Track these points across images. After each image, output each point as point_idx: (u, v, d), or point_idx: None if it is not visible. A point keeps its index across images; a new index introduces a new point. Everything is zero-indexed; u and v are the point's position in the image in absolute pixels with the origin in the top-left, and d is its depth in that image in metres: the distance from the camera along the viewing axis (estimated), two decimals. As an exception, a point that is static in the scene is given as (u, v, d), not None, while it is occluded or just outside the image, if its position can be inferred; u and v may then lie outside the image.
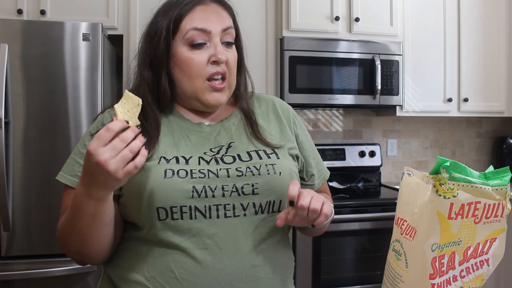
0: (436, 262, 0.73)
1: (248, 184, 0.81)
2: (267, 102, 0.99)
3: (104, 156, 0.65)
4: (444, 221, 0.72)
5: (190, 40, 0.84)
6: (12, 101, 1.74)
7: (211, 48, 0.85)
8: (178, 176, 0.79)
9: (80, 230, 0.76)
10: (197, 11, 0.86)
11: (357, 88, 2.42)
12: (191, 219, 0.78)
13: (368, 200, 2.27)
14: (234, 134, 0.90)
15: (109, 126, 0.67)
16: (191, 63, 0.84)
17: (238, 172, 0.82)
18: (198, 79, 0.85)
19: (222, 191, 0.80)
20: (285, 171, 0.85)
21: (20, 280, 1.76)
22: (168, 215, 0.78)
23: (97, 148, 0.66)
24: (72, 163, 0.86)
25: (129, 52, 2.22)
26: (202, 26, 0.84)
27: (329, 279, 2.15)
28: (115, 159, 0.66)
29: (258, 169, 0.83)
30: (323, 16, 2.40)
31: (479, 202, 0.72)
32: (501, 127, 3.09)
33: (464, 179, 0.73)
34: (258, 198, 0.82)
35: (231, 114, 0.94)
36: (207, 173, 0.81)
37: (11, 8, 2.08)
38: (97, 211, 0.73)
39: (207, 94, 0.86)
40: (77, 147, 0.87)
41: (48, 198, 1.77)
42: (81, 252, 0.80)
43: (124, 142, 0.67)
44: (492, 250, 0.77)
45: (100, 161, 0.65)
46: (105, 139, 0.66)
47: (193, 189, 0.78)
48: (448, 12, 2.60)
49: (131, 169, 0.68)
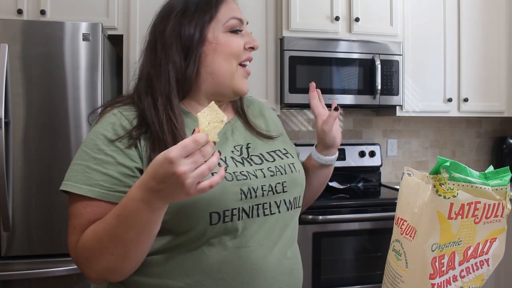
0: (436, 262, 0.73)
1: (279, 182, 0.86)
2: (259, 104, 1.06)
3: (184, 168, 0.60)
4: (444, 221, 0.72)
5: (231, 27, 0.87)
6: (12, 101, 1.74)
7: (244, 36, 0.90)
8: (226, 179, 0.79)
9: (124, 241, 0.69)
10: (229, 2, 0.90)
11: (357, 88, 2.42)
12: (238, 220, 0.80)
13: (368, 200, 2.27)
14: (246, 134, 0.93)
15: (196, 137, 0.61)
16: (232, 44, 0.87)
17: (271, 172, 0.86)
18: (234, 61, 0.87)
19: (262, 191, 0.83)
20: (301, 169, 0.95)
21: (20, 280, 1.76)
22: (220, 218, 0.78)
23: (180, 158, 0.60)
24: (86, 170, 0.76)
25: (129, 52, 2.22)
26: (240, 16, 0.89)
27: (329, 279, 2.15)
28: (193, 174, 0.61)
29: (283, 168, 0.89)
30: (323, 16, 2.40)
31: (479, 202, 0.72)
32: (501, 127, 3.09)
33: (464, 179, 0.73)
34: (287, 195, 0.88)
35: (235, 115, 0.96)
36: (248, 175, 0.83)
37: (11, 8, 2.08)
38: (150, 221, 0.68)
39: (241, 80, 0.89)
40: (86, 153, 0.78)
41: (48, 198, 1.77)
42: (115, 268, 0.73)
43: (204, 157, 0.62)
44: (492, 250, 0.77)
45: (179, 172, 0.60)
46: (189, 150, 0.61)
47: (241, 191, 0.80)
48: (448, 12, 2.60)
49: (205, 188, 0.63)
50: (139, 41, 2.20)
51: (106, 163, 0.76)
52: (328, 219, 2.08)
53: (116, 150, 0.77)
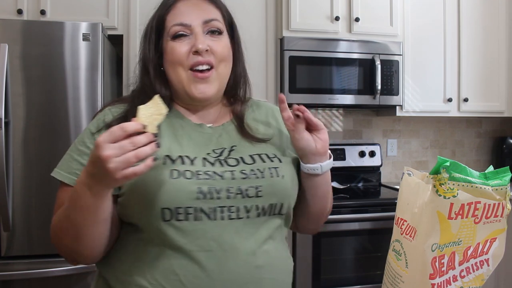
0: (436, 262, 0.73)
1: (252, 186, 0.82)
2: (267, 109, 1.01)
3: (108, 152, 0.64)
4: (444, 221, 0.72)
5: (173, 34, 0.87)
6: (12, 101, 1.74)
7: (192, 39, 0.86)
8: (184, 177, 0.79)
9: (75, 223, 0.74)
10: (179, 6, 0.88)
11: (357, 88, 2.42)
12: (195, 220, 0.78)
13: (368, 200, 2.27)
14: (235, 137, 0.90)
15: (124, 125, 0.66)
16: (173, 52, 0.86)
17: (243, 175, 0.82)
18: (180, 68, 0.86)
19: (227, 193, 0.80)
20: (287, 175, 0.86)
21: (20, 280, 1.76)
22: (173, 215, 0.78)
23: (105, 142, 0.65)
24: (69, 160, 0.85)
25: (129, 52, 2.22)
26: (182, 21, 0.86)
27: (329, 279, 2.15)
28: (118, 159, 0.64)
29: (262, 172, 0.84)
30: (323, 16, 2.40)
31: (479, 202, 0.72)
32: (501, 127, 3.09)
33: (464, 179, 0.73)
34: (262, 200, 0.82)
35: (231, 119, 0.94)
36: (213, 175, 0.81)
37: (11, 8, 2.08)
38: (94, 206, 0.72)
39: (192, 86, 0.86)
40: (75, 144, 0.86)
41: (48, 198, 1.77)
42: (73, 249, 0.79)
43: (134, 145, 0.65)
44: (492, 250, 0.77)
45: (103, 156, 0.64)
46: (115, 136, 0.65)
47: (198, 190, 0.78)
48: (448, 12, 2.60)
49: (129, 174, 0.66)
50: (139, 41, 2.19)
51: (85, 154, 0.83)
52: (328, 219, 2.06)
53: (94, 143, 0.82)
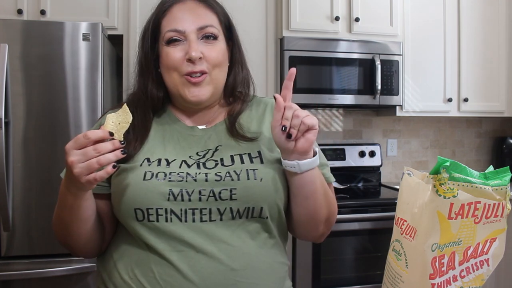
0: (436, 262, 0.73)
1: (226, 189, 0.80)
2: (265, 104, 0.99)
3: (72, 158, 0.70)
4: (444, 221, 0.72)
5: (167, 39, 0.87)
6: (12, 101, 1.74)
7: (186, 45, 0.86)
8: (156, 178, 0.80)
9: (63, 220, 0.82)
10: (174, 11, 0.88)
11: (357, 88, 2.42)
12: (166, 221, 0.79)
13: (368, 200, 2.27)
14: (224, 137, 0.90)
15: (88, 133, 0.71)
16: (168, 57, 0.87)
17: (217, 177, 0.81)
18: (175, 73, 0.87)
19: (199, 195, 0.80)
20: (267, 177, 0.83)
21: (20, 280, 1.76)
22: (145, 216, 0.79)
23: (71, 149, 0.71)
24: None
25: (129, 52, 2.22)
26: (176, 27, 0.86)
27: (329, 279, 2.15)
28: (81, 164, 0.70)
29: (238, 174, 0.82)
30: (323, 16, 2.40)
31: (479, 202, 0.72)
32: (501, 127, 3.09)
33: (464, 179, 0.73)
34: (236, 203, 0.81)
35: (224, 119, 0.93)
36: (185, 177, 0.81)
37: (11, 8, 2.08)
38: (74, 205, 0.78)
39: (186, 89, 0.87)
40: None
41: (48, 198, 1.77)
42: (67, 242, 0.86)
43: (97, 152, 0.70)
44: (492, 250, 0.77)
45: (69, 161, 0.70)
46: (80, 143, 0.70)
47: (169, 192, 0.79)
48: (448, 12, 2.60)
49: (90, 179, 0.71)
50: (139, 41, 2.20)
51: None
52: (328, 219, 2.08)
53: None
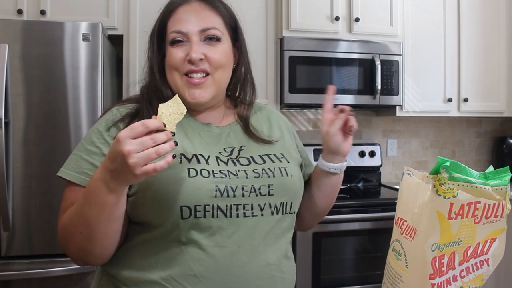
0: (436, 262, 0.73)
1: (265, 185, 0.84)
2: (268, 112, 1.05)
3: (129, 147, 0.65)
4: (444, 221, 0.72)
5: (171, 40, 0.88)
6: (12, 101, 1.74)
7: (188, 46, 0.88)
8: (201, 176, 0.81)
9: (89, 220, 0.74)
10: (179, 12, 0.89)
11: (357, 88, 2.42)
12: (213, 217, 0.80)
13: (368, 200, 2.27)
14: (243, 138, 0.93)
15: (146, 121, 0.67)
16: (170, 57, 0.88)
17: (255, 174, 0.85)
18: (176, 73, 0.88)
19: (242, 191, 0.82)
20: (295, 174, 0.90)
21: (20, 280, 1.76)
22: (192, 213, 0.79)
23: (126, 138, 0.65)
24: (77, 159, 0.84)
25: (129, 52, 2.22)
26: (179, 29, 0.87)
27: (329, 279, 2.15)
28: (138, 154, 0.65)
29: (272, 171, 0.86)
30: (323, 16, 2.40)
31: (479, 202, 0.72)
32: (501, 127, 3.09)
33: (464, 179, 0.73)
34: (273, 198, 0.85)
35: (236, 120, 0.97)
36: (228, 174, 0.83)
37: (11, 8, 2.08)
38: (110, 202, 0.72)
39: (186, 91, 0.88)
40: (82, 144, 0.86)
41: (48, 198, 1.77)
42: (85, 248, 0.78)
43: (154, 142, 0.66)
44: (492, 250, 0.77)
45: (124, 151, 0.65)
46: (137, 132, 0.66)
47: (216, 189, 0.80)
48: (448, 12, 2.60)
49: (149, 170, 0.66)
50: (139, 41, 2.20)
51: (94, 153, 0.83)
52: (328, 219, 2.08)
53: (104, 142, 0.84)
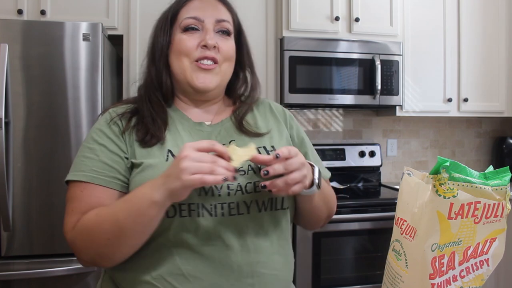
0: (436, 262, 0.73)
1: (250, 182, 0.83)
2: (264, 105, 1.03)
3: (189, 153, 0.69)
4: (444, 221, 0.72)
5: (184, 26, 0.89)
6: (12, 101, 1.74)
7: (202, 34, 0.89)
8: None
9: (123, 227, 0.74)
10: (195, 2, 0.91)
11: (357, 88, 2.42)
12: (198, 216, 0.80)
13: (368, 200, 2.27)
14: (234, 133, 0.92)
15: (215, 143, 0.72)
16: (181, 43, 0.89)
17: (241, 172, 0.84)
18: (185, 59, 0.89)
19: (227, 190, 0.82)
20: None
21: (20, 280, 1.76)
22: (177, 212, 0.79)
23: (190, 146, 0.70)
24: (82, 159, 0.85)
25: (129, 52, 2.22)
26: (196, 15, 0.89)
27: (329, 279, 2.15)
28: (193, 163, 0.69)
29: (259, 166, 0.84)
30: (323, 16, 2.40)
31: (479, 202, 0.72)
32: (501, 127, 3.09)
33: (464, 179, 0.73)
34: (260, 195, 0.84)
35: (230, 116, 0.96)
36: None
37: (11, 8, 2.08)
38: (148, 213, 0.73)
39: (194, 75, 0.89)
40: (84, 146, 0.87)
41: (48, 198, 1.77)
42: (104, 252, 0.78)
43: (213, 161, 0.70)
44: (492, 250, 0.77)
45: (183, 154, 0.69)
46: (201, 146, 0.71)
47: (201, 187, 0.80)
48: (448, 12, 2.60)
49: (195, 179, 0.68)
50: (139, 41, 2.20)
51: (99, 151, 0.84)
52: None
53: (108, 140, 0.86)
